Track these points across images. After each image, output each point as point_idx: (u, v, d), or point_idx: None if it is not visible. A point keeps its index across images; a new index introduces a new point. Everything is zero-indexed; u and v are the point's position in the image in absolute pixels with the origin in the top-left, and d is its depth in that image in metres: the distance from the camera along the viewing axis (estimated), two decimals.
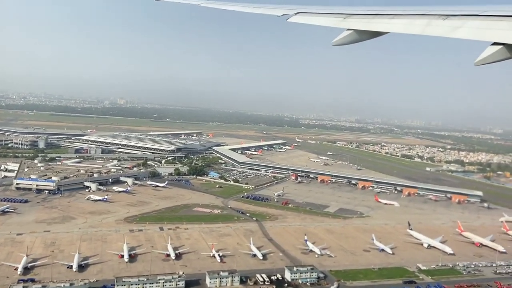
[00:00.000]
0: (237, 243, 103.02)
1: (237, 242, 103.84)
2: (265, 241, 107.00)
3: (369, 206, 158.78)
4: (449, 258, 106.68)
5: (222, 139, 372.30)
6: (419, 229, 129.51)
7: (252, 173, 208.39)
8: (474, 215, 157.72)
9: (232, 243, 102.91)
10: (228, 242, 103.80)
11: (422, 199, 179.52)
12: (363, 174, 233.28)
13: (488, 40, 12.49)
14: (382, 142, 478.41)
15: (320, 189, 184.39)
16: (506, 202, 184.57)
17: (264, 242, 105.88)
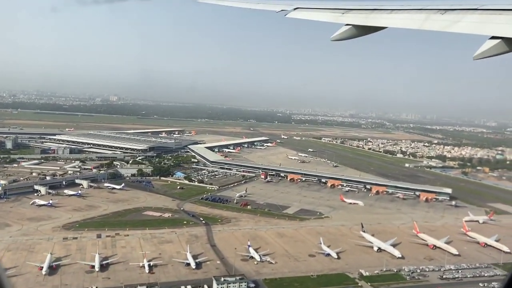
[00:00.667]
0: (176, 252, 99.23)
1: (177, 250, 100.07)
2: (207, 248, 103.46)
3: (332, 206, 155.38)
4: (396, 262, 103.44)
5: (205, 136, 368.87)
6: (376, 231, 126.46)
7: (222, 173, 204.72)
8: (438, 214, 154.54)
9: (171, 251, 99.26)
10: (167, 249, 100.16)
11: (390, 198, 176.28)
12: (339, 171, 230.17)
13: (487, 34, 12.58)
14: (369, 137, 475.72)
15: (287, 189, 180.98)
16: (477, 200, 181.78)
17: (205, 249, 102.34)
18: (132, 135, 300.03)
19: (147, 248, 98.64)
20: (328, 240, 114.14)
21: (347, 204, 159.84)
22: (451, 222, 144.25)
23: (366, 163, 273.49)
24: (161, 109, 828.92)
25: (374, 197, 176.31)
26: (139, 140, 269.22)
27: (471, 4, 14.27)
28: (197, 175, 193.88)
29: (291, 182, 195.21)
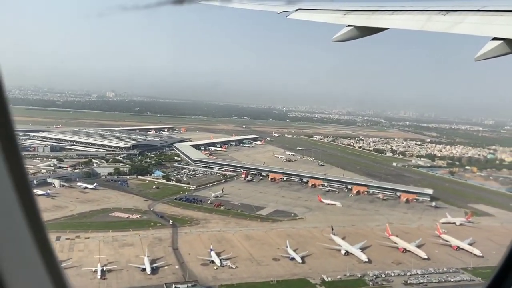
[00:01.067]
0: (136, 255, 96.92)
1: (136, 254, 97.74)
2: (169, 251, 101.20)
3: (309, 207, 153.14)
4: (363, 266, 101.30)
5: (195, 134, 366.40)
6: (348, 233, 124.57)
7: (204, 172, 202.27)
8: (416, 216, 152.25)
9: (130, 255, 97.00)
10: (126, 253, 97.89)
11: (370, 198, 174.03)
12: (324, 170, 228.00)
13: (488, 35, 12.68)
14: (362, 135, 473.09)
15: (267, 188, 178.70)
16: (460, 201, 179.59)
17: (167, 252, 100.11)
18: (118, 132, 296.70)
19: (105, 252, 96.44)
20: (297, 243, 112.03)
21: (325, 205, 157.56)
22: (428, 224, 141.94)
23: (354, 162, 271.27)
24: (157, 105, 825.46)
25: (354, 197, 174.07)
26: (124, 137, 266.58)
27: (473, 5, 14.42)
28: (177, 174, 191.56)
29: (272, 181, 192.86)
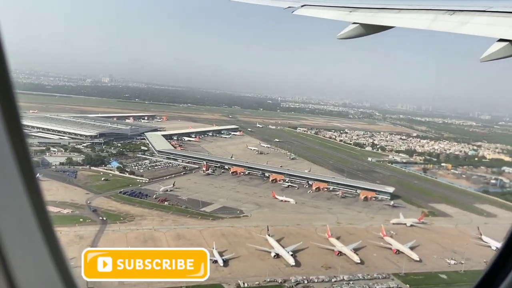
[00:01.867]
0: None
1: None
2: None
3: (260, 203, 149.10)
4: (289, 270, 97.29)
5: (175, 123, 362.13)
6: (289, 233, 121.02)
7: (165, 163, 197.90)
8: (370, 215, 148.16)
9: None
10: None
11: (328, 195, 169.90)
12: (294, 164, 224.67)
13: (494, 36, 12.88)
14: (350, 128, 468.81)
15: (224, 183, 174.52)
16: (422, 200, 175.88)
17: (80, 253, 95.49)
18: (92, 119, 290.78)
19: None
20: (229, 244, 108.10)
21: (278, 201, 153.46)
22: (378, 224, 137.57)
23: (328, 156, 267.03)
24: (150, 92, 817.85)
25: (312, 194, 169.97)
26: (94, 125, 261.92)
27: (480, 6, 14.42)
28: (135, 165, 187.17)
29: (233, 175, 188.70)
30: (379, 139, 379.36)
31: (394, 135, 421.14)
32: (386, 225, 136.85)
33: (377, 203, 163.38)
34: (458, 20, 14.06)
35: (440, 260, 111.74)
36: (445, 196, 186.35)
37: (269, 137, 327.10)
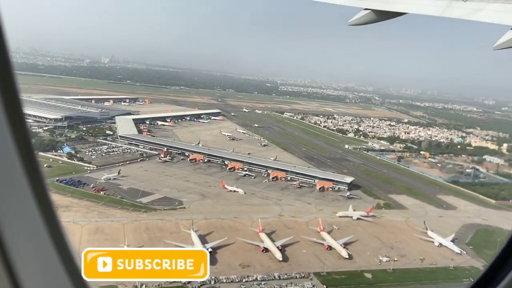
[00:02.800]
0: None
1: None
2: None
3: (206, 194, 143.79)
4: None
5: (158, 106, 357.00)
6: (222, 228, 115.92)
7: (124, 149, 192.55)
8: (319, 207, 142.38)
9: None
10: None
11: (284, 185, 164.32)
12: (264, 151, 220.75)
13: (509, 24, 12.85)
14: (340, 113, 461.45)
15: (179, 170, 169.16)
16: (384, 190, 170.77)
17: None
18: (65, 102, 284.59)
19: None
20: (148, 239, 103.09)
21: (226, 192, 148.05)
22: (324, 217, 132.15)
23: (304, 143, 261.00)
24: (148, 73, 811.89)
25: (267, 183, 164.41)
26: (64, 108, 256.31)
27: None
28: (91, 151, 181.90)
29: (192, 162, 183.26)
30: (366, 125, 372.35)
31: (384, 121, 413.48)
32: (332, 218, 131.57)
33: (332, 194, 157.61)
34: (472, 7, 14.09)
35: (372, 257, 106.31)
36: (409, 186, 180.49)
37: (250, 122, 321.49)
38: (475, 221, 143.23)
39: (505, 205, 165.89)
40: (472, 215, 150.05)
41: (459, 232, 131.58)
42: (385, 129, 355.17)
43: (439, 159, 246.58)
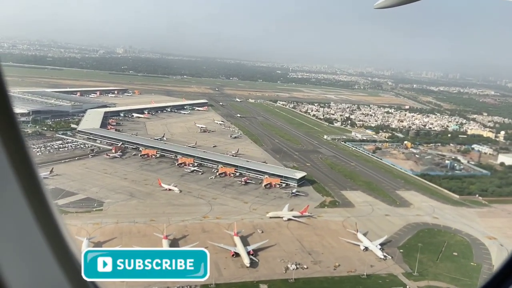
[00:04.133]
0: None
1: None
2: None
3: (136, 193, 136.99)
4: None
5: (147, 97, 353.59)
6: (130, 232, 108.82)
7: (79, 144, 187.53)
8: (254, 207, 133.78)
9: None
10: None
11: (230, 182, 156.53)
12: (234, 143, 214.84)
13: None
14: (340, 101, 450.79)
15: (122, 168, 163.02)
16: (340, 186, 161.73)
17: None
18: (40, 95, 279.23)
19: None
20: None
21: (161, 190, 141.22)
22: (254, 218, 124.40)
23: (281, 134, 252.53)
24: (158, 63, 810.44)
25: (213, 180, 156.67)
26: (35, 101, 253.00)
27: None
28: (41, 147, 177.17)
29: (143, 158, 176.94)
30: (361, 113, 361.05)
31: (384, 108, 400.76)
32: (262, 220, 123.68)
33: (277, 191, 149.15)
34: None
35: (281, 264, 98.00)
36: (370, 181, 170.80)
37: (235, 113, 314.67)
38: (423, 220, 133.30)
39: (468, 201, 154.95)
40: (424, 213, 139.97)
41: (398, 233, 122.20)
42: (379, 117, 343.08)
43: (422, 149, 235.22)
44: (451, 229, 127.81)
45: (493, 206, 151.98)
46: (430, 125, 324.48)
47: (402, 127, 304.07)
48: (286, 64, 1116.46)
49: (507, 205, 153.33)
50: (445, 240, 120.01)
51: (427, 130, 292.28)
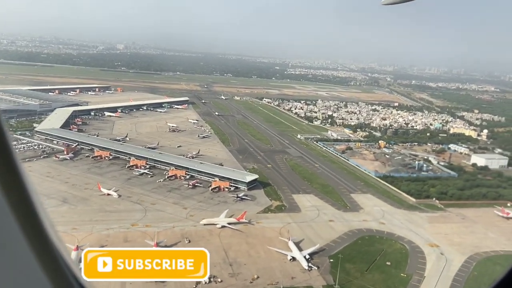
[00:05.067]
0: None
1: None
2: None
3: (71, 198, 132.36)
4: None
5: (128, 95, 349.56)
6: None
7: (34, 145, 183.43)
8: (192, 213, 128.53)
9: None
10: None
11: (177, 185, 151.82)
12: (201, 143, 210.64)
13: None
14: (331, 97, 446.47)
15: (69, 170, 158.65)
16: (294, 189, 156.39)
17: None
18: (10, 94, 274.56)
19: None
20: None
21: (99, 195, 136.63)
22: (187, 225, 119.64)
23: (254, 133, 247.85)
24: (155, 59, 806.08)
25: (160, 183, 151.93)
26: (5, 100, 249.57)
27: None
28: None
29: (95, 160, 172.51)
30: (346, 110, 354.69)
31: (372, 105, 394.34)
32: (195, 227, 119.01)
33: (224, 195, 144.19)
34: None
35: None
36: (328, 183, 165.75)
37: (215, 111, 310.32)
38: (368, 226, 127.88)
39: (423, 205, 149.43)
40: (372, 218, 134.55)
41: (336, 240, 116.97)
42: (363, 115, 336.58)
43: (396, 149, 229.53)
44: (394, 236, 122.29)
45: (448, 210, 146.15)
46: (414, 123, 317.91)
47: (383, 125, 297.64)
48: (289, 59, 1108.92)
49: (463, 209, 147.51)
50: (383, 248, 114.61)
51: (406, 129, 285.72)
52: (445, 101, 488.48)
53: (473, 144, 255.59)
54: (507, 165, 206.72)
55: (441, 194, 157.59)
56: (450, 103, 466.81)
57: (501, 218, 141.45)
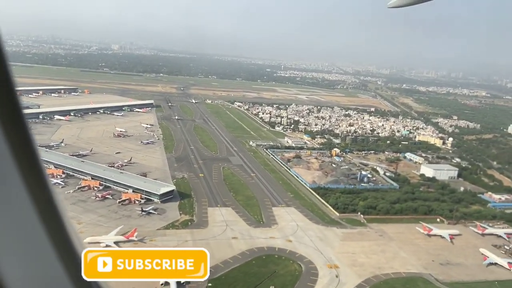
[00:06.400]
0: None
1: None
2: None
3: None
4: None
5: (92, 97, 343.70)
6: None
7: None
8: (86, 229, 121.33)
9: None
10: None
11: (86, 196, 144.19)
12: (142, 150, 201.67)
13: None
14: (310, 102, 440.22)
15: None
16: (214, 201, 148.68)
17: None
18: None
19: None
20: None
21: None
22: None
23: (205, 139, 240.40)
24: (146, 60, 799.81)
25: (69, 194, 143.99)
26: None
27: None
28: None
29: None
30: (315, 116, 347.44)
31: (347, 110, 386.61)
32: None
33: (131, 209, 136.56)
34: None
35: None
36: (254, 195, 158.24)
37: (177, 115, 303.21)
38: (272, 244, 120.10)
39: (346, 219, 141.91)
40: (281, 235, 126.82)
41: (228, 261, 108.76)
42: (332, 121, 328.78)
43: (348, 157, 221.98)
44: (295, 255, 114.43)
45: (369, 226, 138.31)
46: (382, 129, 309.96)
47: (347, 132, 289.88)
48: (286, 62, 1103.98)
49: (387, 224, 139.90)
50: (276, 270, 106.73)
51: (367, 136, 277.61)
52: (428, 106, 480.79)
53: (433, 152, 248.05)
54: (456, 176, 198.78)
55: (369, 208, 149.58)
56: (432, 109, 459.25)
57: (422, 235, 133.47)
